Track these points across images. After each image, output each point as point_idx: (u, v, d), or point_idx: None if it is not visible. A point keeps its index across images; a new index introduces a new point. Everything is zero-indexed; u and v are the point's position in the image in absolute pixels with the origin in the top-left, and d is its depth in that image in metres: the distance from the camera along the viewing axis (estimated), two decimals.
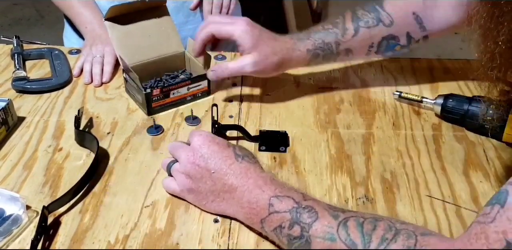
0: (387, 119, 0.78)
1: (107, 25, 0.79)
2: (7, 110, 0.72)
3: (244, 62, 0.73)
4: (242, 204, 0.55)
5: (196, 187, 0.58)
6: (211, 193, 0.58)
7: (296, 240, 0.50)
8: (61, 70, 0.88)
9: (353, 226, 0.48)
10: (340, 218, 0.50)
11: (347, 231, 0.48)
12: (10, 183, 0.64)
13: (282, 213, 0.52)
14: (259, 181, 0.55)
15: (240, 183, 0.55)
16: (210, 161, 0.57)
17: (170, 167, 0.61)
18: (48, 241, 0.56)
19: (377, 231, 0.47)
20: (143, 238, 0.57)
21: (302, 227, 0.50)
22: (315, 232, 0.49)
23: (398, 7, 0.75)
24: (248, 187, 0.55)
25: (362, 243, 0.47)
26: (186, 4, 1.01)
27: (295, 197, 0.53)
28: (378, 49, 0.77)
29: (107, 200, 0.62)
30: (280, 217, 0.52)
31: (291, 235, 0.51)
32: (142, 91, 0.75)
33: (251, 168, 0.57)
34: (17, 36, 0.95)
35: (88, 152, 0.70)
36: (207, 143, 0.58)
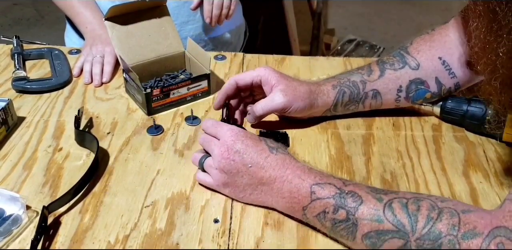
0: (387, 120, 0.79)
1: (107, 25, 0.79)
2: (7, 110, 0.72)
3: (274, 95, 0.70)
4: (282, 194, 0.57)
5: (233, 181, 0.59)
6: (249, 186, 0.59)
7: (341, 223, 0.53)
8: (61, 70, 0.88)
9: (398, 208, 0.51)
10: (384, 201, 0.52)
11: (393, 212, 0.51)
12: (10, 183, 0.64)
13: (326, 199, 0.54)
14: (297, 171, 0.57)
15: (278, 174, 0.57)
16: (245, 156, 0.58)
17: (203, 162, 0.63)
18: (48, 241, 0.56)
19: (422, 211, 0.50)
20: (143, 238, 0.57)
21: (347, 210, 0.52)
22: (362, 214, 0.52)
23: (423, 52, 0.73)
24: (287, 177, 0.57)
25: (409, 223, 0.50)
26: (187, 4, 1.00)
27: (336, 183, 0.55)
28: (408, 95, 0.74)
29: (107, 200, 0.62)
30: (324, 203, 0.54)
31: (336, 219, 0.53)
32: (142, 91, 0.75)
33: (287, 159, 0.59)
34: (17, 36, 0.95)
35: (88, 152, 0.70)
36: (240, 138, 0.59)
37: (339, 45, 2.56)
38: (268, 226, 0.59)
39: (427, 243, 0.49)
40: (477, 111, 0.73)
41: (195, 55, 0.83)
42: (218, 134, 0.61)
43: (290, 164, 0.58)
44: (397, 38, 2.70)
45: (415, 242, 0.49)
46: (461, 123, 0.76)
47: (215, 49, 1.11)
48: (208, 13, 0.98)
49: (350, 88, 0.73)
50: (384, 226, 0.50)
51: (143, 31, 0.82)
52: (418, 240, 0.49)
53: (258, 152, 0.58)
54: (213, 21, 0.99)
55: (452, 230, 0.48)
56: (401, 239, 0.50)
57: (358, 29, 2.75)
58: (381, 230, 0.51)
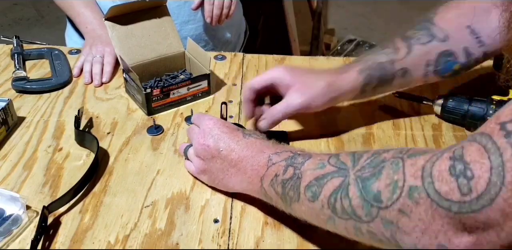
0: (387, 119, 0.78)
1: (107, 25, 0.79)
2: (7, 110, 0.72)
3: (289, 96, 0.66)
4: (246, 171, 0.56)
5: (209, 167, 0.60)
6: (221, 171, 0.59)
7: (289, 181, 0.50)
8: (61, 70, 0.87)
9: (345, 154, 0.48)
10: (331, 154, 0.50)
11: (338, 158, 0.48)
12: (10, 183, 0.64)
13: (279, 162, 0.53)
14: (263, 147, 0.57)
15: (245, 154, 0.57)
16: (219, 141, 0.58)
17: (187, 151, 0.64)
18: (48, 241, 0.56)
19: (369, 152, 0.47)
20: (143, 238, 0.57)
21: (295, 167, 0.51)
22: (307, 166, 0.50)
23: (450, 21, 0.70)
24: (252, 154, 0.56)
25: (352, 161, 0.46)
26: (187, 4, 1.01)
27: (293, 150, 0.54)
28: (436, 68, 0.70)
29: (107, 200, 0.62)
30: (276, 166, 0.53)
31: (284, 179, 0.51)
32: (142, 91, 0.75)
33: (257, 142, 0.58)
34: (17, 36, 0.95)
35: (88, 152, 0.70)
36: (218, 125, 0.60)
37: (339, 45, 2.56)
38: (268, 226, 0.59)
39: (367, 171, 0.43)
40: (478, 111, 0.73)
41: (195, 55, 0.83)
42: (200, 123, 0.62)
43: (260, 144, 0.57)
44: None
45: (354, 175, 0.44)
46: (462, 123, 0.76)
47: (215, 49, 1.11)
48: (208, 13, 0.98)
49: (378, 71, 0.68)
50: (325, 170, 0.47)
51: (143, 31, 0.82)
52: (358, 172, 0.44)
53: (232, 137, 0.58)
54: (213, 21, 0.99)
55: (398, 154, 0.43)
56: (339, 177, 0.45)
57: (358, 29, 2.75)
58: (321, 175, 0.47)
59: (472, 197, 0.35)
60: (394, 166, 0.42)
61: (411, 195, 0.39)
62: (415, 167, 0.40)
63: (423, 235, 0.39)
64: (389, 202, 0.40)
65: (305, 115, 0.79)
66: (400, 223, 0.40)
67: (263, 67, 0.92)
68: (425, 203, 0.38)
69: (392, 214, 0.40)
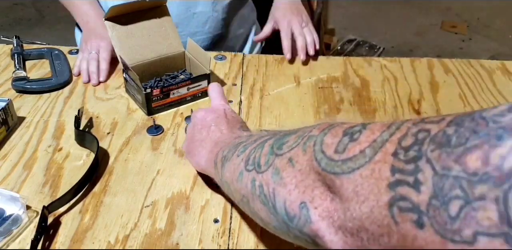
0: (387, 119, 0.78)
1: (107, 25, 0.79)
2: (7, 110, 0.72)
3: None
4: (216, 145, 0.56)
5: (190, 147, 0.61)
6: (195, 148, 0.59)
7: (235, 145, 0.49)
8: (61, 70, 0.87)
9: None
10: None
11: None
12: (10, 183, 0.64)
13: (244, 136, 0.53)
14: (222, 126, 0.58)
15: (226, 133, 0.57)
16: (217, 119, 0.60)
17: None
18: (48, 241, 0.56)
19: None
20: (143, 238, 0.57)
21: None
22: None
23: None
24: (230, 134, 0.57)
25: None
26: (196, 15, 0.99)
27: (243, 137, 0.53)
28: None
29: (107, 200, 0.62)
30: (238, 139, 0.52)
31: (234, 145, 0.50)
32: (142, 91, 0.75)
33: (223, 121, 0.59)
34: (17, 36, 0.95)
35: (88, 152, 0.70)
36: (208, 112, 0.61)
37: (339, 45, 2.56)
38: None
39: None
40: None
41: (195, 55, 0.83)
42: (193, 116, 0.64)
43: (226, 123, 0.58)
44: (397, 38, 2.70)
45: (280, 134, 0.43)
46: None
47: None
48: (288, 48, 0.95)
49: None
50: (265, 134, 0.46)
51: (143, 31, 0.82)
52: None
53: (226, 120, 0.59)
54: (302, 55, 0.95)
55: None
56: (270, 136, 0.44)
57: (358, 29, 2.75)
58: (259, 137, 0.46)
59: (340, 157, 0.32)
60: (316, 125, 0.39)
61: (305, 144, 0.37)
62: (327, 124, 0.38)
63: (295, 188, 0.36)
64: (286, 149, 0.38)
65: (305, 115, 0.79)
66: (284, 172, 0.37)
67: (263, 67, 0.92)
68: (309, 152, 0.35)
69: (282, 162, 0.38)
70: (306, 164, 0.35)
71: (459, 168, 0.24)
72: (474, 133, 0.24)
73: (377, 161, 0.29)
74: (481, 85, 0.88)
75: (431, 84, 0.88)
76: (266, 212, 0.40)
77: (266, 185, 0.39)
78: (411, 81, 0.89)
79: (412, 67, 0.93)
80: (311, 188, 0.34)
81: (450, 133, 0.26)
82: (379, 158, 0.29)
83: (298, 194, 0.35)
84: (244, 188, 0.43)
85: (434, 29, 2.82)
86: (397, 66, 0.93)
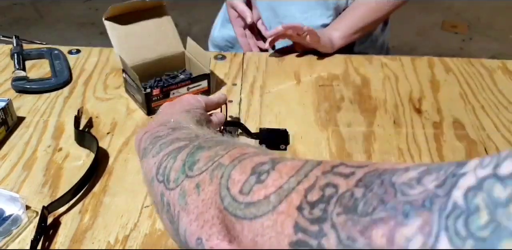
0: (388, 117, 0.78)
1: (107, 25, 0.78)
2: (7, 110, 0.72)
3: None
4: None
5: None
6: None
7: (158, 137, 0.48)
8: (60, 70, 0.87)
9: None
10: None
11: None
12: (10, 183, 0.64)
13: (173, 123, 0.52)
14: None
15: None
16: (182, 101, 0.59)
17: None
18: (48, 241, 0.56)
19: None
20: (143, 238, 0.57)
21: (174, 128, 0.49)
22: (182, 130, 0.48)
23: None
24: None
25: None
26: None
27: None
28: None
29: (106, 200, 0.62)
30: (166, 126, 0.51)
31: (158, 136, 0.48)
32: (142, 91, 0.75)
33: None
34: (17, 36, 0.94)
35: (88, 152, 0.70)
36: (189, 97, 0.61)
37: None
38: None
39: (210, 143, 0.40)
40: None
41: (195, 55, 0.82)
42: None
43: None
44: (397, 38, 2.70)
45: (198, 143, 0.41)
46: None
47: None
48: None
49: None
50: (189, 135, 0.45)
51: (143, 31, 0.81)
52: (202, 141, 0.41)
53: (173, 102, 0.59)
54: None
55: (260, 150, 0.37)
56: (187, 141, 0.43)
57: None
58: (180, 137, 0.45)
59: (244, 199, 0.30)
60: (231, 145, 0.38)
61: (213, 172, 0.35)
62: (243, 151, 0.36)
63: (196, 219, 0.34)
64: (196, 173, 0.36)
65: (306, 113, 0.79)
66: (189, 198, 0.35)
67: (263, 65, 0.92)
68: (215, 183, 0.33)
69: (190, 186, 0.36)
70: (209, 196, 0.33)
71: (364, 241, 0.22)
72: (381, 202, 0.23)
73: (280, 211, 0.27)
74: (482, 84, 0.88)
75: (432, 83, 0.88)
76: (170, 229, 0.39)
77: (173, 206, 0.37)
78: (412, 79, 0.89)
79: (413, 66, 0.93)
80: (209, 224, 0.33)
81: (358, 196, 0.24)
82: (283, 209, 0.27)
83: (197, 228, 0.34)
84: (155, 196, 0.42)
85: (435, 29, 2.82)
86: (397, 65, 0.93)
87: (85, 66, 0.90)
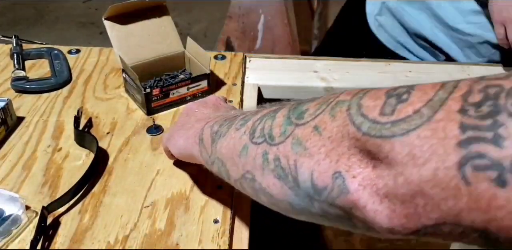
0: None
1: (106, 25, 0.78)
2: (6, 110, 0.72)
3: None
4: (200, 121, 0.54)
5: (169, 133, 0.61)
6: (176, 132, 0.58)
7: (229, 120, 0.46)
8: (60, 70, 0.87)
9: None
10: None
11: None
12: (9, 183, 0.64)
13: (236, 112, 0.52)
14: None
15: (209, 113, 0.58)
16: (200, 106, 0.61)
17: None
18: (48, 242, 0.56)
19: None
20: (142, 239, 0.57)
21: (244, 112, 0.47)
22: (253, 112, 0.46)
23: None
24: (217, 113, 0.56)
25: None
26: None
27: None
28: None
29: (106, 200, 0.62)
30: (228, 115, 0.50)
31: (227, 119, 0.47)
32: (142, 91, 0.75)
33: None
34: (17, 35, 0.94)
35: (88, 152, 0.70)
36: (197, 102, 0.62)
37: None
38: None
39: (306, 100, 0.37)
40: None
41: (195, 55, 0.82)
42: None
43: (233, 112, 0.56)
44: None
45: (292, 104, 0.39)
46: None
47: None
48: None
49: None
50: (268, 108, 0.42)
51: (142, 31, 0.81)
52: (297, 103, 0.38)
53: (213, 108, 0.59)
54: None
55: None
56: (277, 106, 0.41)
57: None
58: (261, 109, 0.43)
59: (389, 119, 0.28)
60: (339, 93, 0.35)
61: (333, 109, 0.33)
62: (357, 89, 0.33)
63: (326, 157, 0.32)
64: (309, 118, 0.34)
65: None
66: (309, 142, 0.33)
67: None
68: (341, 117, 0.31)
69: (306, 131, 0.34)
70: (337, 130, 0.31)
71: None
72: None
73: (439, 119, 0.26)
74: None
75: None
76: (281, 187, 0.36)
77: (285, 157, 0.35)
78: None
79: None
80: (347, 156, 0.31)
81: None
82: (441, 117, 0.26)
83: (331, 164, 0.31)
84: (250, 162, 0.39)
85: None
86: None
87: (85, 66, 0.90)
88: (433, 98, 0.27)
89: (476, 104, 0.25)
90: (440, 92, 0.27)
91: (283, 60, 0.94)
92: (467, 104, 0.25)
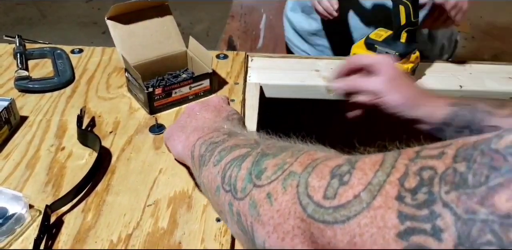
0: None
1: (109, 24, 0.79)
2: (10, 109, 0.73)
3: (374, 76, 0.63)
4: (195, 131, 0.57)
5: (169, 132, 0.64)
6: (176, 133, 0.62)
7: (214, 144, 0.49)
8: (63, 69, 0.88)
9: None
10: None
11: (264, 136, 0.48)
12: (13, 182, 0.64)
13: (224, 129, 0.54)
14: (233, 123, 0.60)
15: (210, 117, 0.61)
16: (202, 108, 0.64)
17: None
18: (51, 240, 0.56)
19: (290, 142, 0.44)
20: (145, 237, 0.57)
21: (229, 134, 0.50)
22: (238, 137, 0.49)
23: None
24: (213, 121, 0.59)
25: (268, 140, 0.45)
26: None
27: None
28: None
29: (109, 199, 0.62)
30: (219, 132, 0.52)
31: (213, 142, 0.49)
32: (144, 90, 0.75)
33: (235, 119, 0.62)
34: (20, 35, 0.95)
35: (91, 151, 0.70)
36: (199, 102, 0.65)
37: None
38: None
39: (272, 150, 0.40)
40: None
41: (197, 54, 0.83)
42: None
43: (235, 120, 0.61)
44: None
45: (260, 149, 0.41)
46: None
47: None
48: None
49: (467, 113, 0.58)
50: (247, 141, 0.46)
51: (145, 31, 0.82)
52: (265, 148, 0.41)
53: (214, 111, 0.63)
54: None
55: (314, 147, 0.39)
56: (248, 148, 0.43)
57: None
58: (239, 144, 0.45)
59: (331, 204, 0.29)
60: (297, 152, 0.37)
61: (285, 181, 0.34)
62: (312, 156, 0.35)
63: (273, 232, 0.33)
64: (265, 181, 0.36)
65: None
66: (262, 209, 0.35)
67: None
68: (291, 192, 0.33)
69: (260, 195, 0.35)
70: (285, 206, 0.32)
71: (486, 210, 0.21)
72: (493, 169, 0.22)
73: (377, 206, 0.26)
74: None
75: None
76: (243, 239, 0.38)
77: (244, 216, 0.37)
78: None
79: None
80: (291, 236, 0.32)
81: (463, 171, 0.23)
82: (379, 203, 0.26)
83: (277, 241, 0.33)
84: (221, 205, 0.42)
85: None
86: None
87: (88, 65, 0.90)
88: (372, 181, 0.27)
89: (412, 191, 0.25)
90: (379, 174, 0.28)
91: (285, 60, 0.94)
92: (403, 190, 0.25)
